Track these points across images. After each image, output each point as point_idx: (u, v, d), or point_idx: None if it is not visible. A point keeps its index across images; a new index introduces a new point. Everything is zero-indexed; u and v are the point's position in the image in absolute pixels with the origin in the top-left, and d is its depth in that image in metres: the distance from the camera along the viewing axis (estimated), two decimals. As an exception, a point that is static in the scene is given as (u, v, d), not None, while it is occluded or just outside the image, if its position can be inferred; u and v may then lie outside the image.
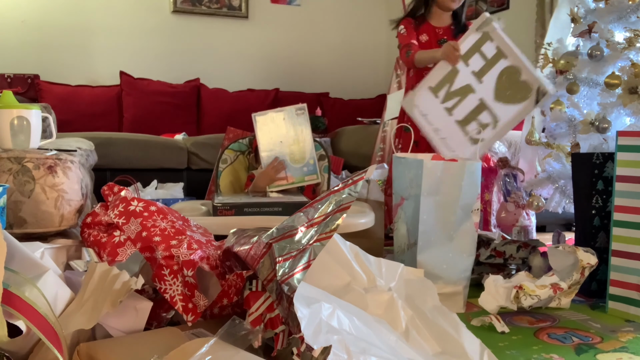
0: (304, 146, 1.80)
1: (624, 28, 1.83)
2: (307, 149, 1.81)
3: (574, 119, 1.92)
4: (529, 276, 1.51)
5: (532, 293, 1.42)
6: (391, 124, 2.81)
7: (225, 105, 3.86)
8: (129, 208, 1.17)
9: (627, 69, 1.73)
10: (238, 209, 1.52)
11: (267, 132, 1.79)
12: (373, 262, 1.17)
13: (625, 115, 1.81)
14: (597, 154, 1.66)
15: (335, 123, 3.92)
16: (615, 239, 1.49)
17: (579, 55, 1.92)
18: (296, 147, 1.80)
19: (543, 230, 2.66)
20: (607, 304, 1.51)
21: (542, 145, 2.06)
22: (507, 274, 1.72)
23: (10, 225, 1.18)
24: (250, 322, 0.99)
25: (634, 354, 1.21)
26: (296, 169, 1.80)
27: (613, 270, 1.49)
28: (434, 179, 1.47)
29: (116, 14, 3.92)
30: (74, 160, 1.30)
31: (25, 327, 0.82)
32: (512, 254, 1.74)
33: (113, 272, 0.99)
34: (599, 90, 1.85)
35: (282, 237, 0.93)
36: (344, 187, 0.96)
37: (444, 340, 1.07)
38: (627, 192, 1.47)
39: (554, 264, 1.51)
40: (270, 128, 1.79)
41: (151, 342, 0.93)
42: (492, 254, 1.74)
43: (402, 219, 1.57)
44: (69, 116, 3.38)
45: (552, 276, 1.47)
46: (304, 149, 1.80)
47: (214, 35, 4.16)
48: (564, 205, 2.04)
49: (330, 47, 4.47)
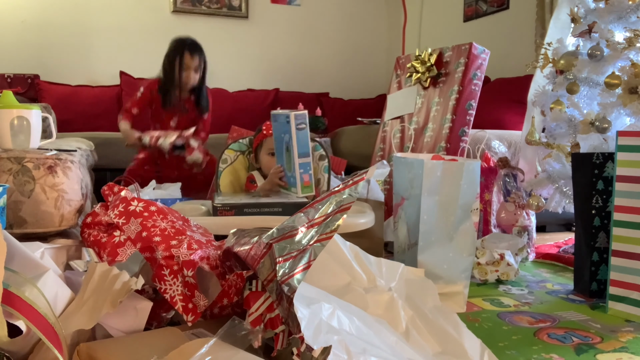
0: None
1: (624, 28, 1.83)
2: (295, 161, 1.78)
3: (574, 119, 1.92)
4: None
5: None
6: (391, 124, 2.81)
7: (225, 105, 3.86)
8: (129, 208, 1.17)
9: (627, 69, 1.73)
10: (238, 209, 1.52)
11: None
12: (373, 262, 1.17)
13: (625, 115, 1.81)
14: (597, 154, 1.66)
15: (335, 123, 3.92)
16: (615, 239, 1.49)
17: (579, 55, 1.92)
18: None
19: (543, 230, 2.66)
20: (607, 304, 1.51)
21: (542, 145, 2.06)
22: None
23: (10, 225, 1.18)
24: (250, 322, 0.99)
25: (634, 354, 1.21)
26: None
27: (613, 270, 1.49)
28: (434, 178, 1.47)
29: (116, 14, 3.92)
30: (74, 160, 1.30)
31: (25, 327, 0.82)
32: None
33: (113, 272, 0.99)
34: (599, 90, 1.85)
35: (283, 237, 0.93)
36: (344, 187, 0.96)
37: (444, 340, 1.07)
38: (627, 192, 1.47)
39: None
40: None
41: (151, 342, 0.93)
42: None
43: (403, 219, 1.57)
44: (69, 116, 3.38)
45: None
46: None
47: (214, 35, 4.16)
48: (564, 205, 2.04)
49: (330, 47, 4.47)
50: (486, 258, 1.80)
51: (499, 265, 1.78)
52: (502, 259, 1.80)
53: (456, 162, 1.52)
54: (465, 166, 1.48)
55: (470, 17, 3.94)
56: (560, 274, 1.94)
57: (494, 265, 1.78)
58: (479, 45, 2.31)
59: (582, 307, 1.56)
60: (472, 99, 2.30)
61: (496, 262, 1.79)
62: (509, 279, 1.80)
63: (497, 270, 1.79)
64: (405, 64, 2.81)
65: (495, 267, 1.78)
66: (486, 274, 1.79)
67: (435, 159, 1.59)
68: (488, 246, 1.86)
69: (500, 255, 1.80)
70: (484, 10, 3.79)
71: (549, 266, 2.06)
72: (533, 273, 1.95)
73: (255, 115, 3.76)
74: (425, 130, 2.46)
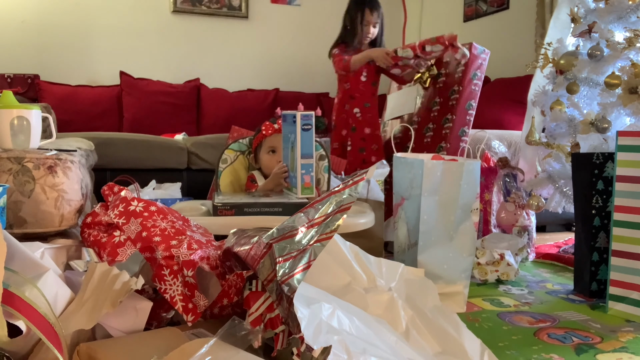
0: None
1: (624, 28, 1.83)
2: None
3: (574, 119, 1.92)
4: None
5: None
6: (391, 124, 2.81)
7: (225, 105, 3.86)
8: (129, 208, 1.17)
9: (627, 69, 1.73)
10: (238, 209, 1.51)
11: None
12: (373, 262, 1.17)
13: (625, 115, 1.81)
14: (597, 154, 1.66)
15: (335, 123, 3.91)
16: (615, 239, 1.49)
17: (579, 55, 1.92)
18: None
19: (543, 230, 2.66)
20: (607, 304, 1.51)
21: (542, 145, 2.06)
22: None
23: (10, 225, 1.18)
24: (250, 322, 0.99)
25: (634, 354, 1.21)
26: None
27: (613, 270, 1.49)
28: (434, 178, 1.47)
29: (116, 14, 3.92)
30: (74, 160, 1.30)
31: (25, 327, 0.82)
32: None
33: (113, 272, 0.99)
34: (599, 90, 1.85)
35: (283, 237, 0.93)
36: (344, 187, 0.96)
37: (444, 340, 1.07)
38: (627, 192, 1.47)
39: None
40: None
41: (151, 342, 0.93)
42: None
43: (403, 219, 1.57)
44: (69, 116, 3.38)
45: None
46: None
47: (214, 35, 4.16)
48: (564, 205, 2.04)
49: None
50: (486, 258, 1.80)
51: (499, 265, 1.79)
52: (502, 259, 1.80)
53: (456, 162, 1.52)
54: (465, 166, 1.48)
55: (470, 17, 3.94)
56: (560, 274, 1.94)
57: (494, 265, 1.79)
58: (479, 45, 2.31)
59: (582, 307, 1.56)
60: (472, 99, 2.30)
61: (496, 262, 1.79)
62: (509, 279, 1.81)
63: (497, 271, 1.79)
64: (405, 64, 2.81)
65: (495, 267, 1.79)
66: (486, 274, 1.79)
67: (435, 159, 1.59)
68: (488, 246, 1.86)
69: (500, 255, 1.80)
70: (484, 10, 3.78)
71: (549, 266, 2.06)
72: (533, 273, 1.95)
73: (255, 115, 3.75)
74: (425, 130, 2.46)
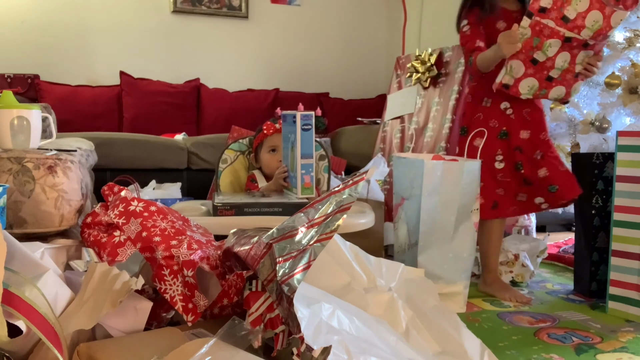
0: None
1: (624, 28, 1.83)
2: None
3: (574, 119, 1.92)
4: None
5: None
6: (391, 124, 2.81)
7: (225, 105, 3.86)
8: (129, 208, 1.17)
9: (627, 69, 1.73)
10: (238, 209, 1.51)
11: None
12: (373, 262, 1.17)
13: (625, 115, 1.81)
14: (597, 154, 1.66)
15: (335, 123, 3.92)
16: (615, 239, 1.49)
17: (579, 55, 1.92)
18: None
19: (543, 230, 2.66)
20: (607, 304, 1.51)
21: (542, 145, 2.05)
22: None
23: (10, 225, 1.18)
24: (250, 322, 0.99)
25: (634, 354, 1.21)
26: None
27: (613, 270, 1.49)
28: (435, 179, 1.47)
29: (116, 14, 3.91)
30: (74, 160, 1.30)
31: (25, 327, 0.82)
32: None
33: (113, 272, 0.98)
34: (599, 90, 1.85)
35: (283, 237, 0.93)
36: (344, 187, 0.96)
37: (444, 340, 1.07)
38: (627, 192, 1.47)
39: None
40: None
41: (151, 342, 0.93)
42: None
43: (403, 219, 1.57)
44: (69, 116, 3.38)
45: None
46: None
47: (214, 35, 4.16)
48: (564, 205, 2.04)
49: (330, 47, 4.47)
50: (500, 258, 1.74)
51: (513, 266, 1.73)
52: (517, 260, 1.75)
53: (456, 162, 1.52)
54: (466, 166, 1.48)
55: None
56: (560, 274, 1.94)
57: (508, 266, 1.73)
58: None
59: (582, 307, 1.56)
60: (472, 99, 2.30)
61: (510, 263, 1.73)
62: (523, 280, 1.75)
63: (512, 272, 1.74)
64: (405, 64, 2.81)
65: (509, 267, 1.73)
66: (500, 275, 1.74)
67: (435, 159, 1.59)
68: (508, 247, 1.79)
69: (514, 255, 1.75)
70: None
71: (549, 266, 2.06)
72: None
73: (255, 115, 3.75)
74: (425, 130, 2.46)
